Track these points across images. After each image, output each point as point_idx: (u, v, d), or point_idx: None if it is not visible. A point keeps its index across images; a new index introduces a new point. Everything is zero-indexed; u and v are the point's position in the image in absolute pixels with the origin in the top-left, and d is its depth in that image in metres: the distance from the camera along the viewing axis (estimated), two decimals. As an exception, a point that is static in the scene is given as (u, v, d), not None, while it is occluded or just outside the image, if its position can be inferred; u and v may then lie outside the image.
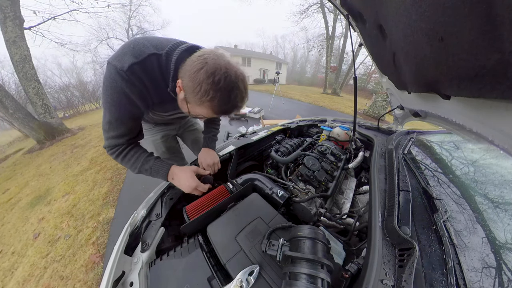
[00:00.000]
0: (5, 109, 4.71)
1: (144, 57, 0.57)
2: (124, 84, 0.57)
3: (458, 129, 0.67)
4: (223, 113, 0.58)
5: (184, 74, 0.54)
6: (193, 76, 0.50)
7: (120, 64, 0.55)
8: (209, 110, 0.55)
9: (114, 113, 0.63)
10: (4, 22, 4.57)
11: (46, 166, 4.05)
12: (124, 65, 0.55)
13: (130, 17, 19.11)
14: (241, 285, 0.46)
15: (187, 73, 0.52)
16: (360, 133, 1.37)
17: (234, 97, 0.53)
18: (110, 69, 0.57)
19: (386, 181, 0.78)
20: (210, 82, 0.49)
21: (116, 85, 0.57)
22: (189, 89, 0.53)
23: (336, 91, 14.49)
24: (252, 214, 0.68)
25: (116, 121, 0.64)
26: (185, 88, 0.54)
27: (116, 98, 0.60)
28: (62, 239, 2.05)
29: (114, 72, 0.56)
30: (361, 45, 1.14)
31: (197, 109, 0.56)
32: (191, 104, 0.57)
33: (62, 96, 12.08)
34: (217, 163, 0.97)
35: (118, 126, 0.66)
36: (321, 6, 13.89)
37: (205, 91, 0.50)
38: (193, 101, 0.54)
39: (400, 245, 0.52)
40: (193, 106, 0.57)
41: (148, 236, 0.65)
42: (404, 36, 0.53)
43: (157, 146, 1.21)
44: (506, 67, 0.30)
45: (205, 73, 0.49)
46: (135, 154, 0.74)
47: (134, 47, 0.58)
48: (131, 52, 0.57)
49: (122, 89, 0.58)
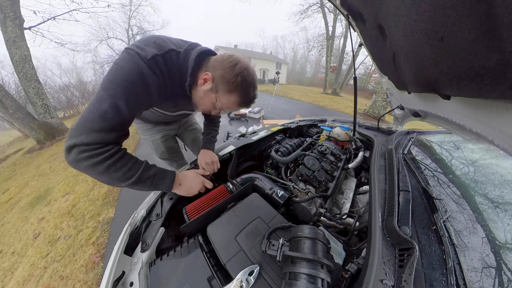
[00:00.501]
0: (5, 109, 4.72)
1: (166, 51, 0.60)
2: (146, 71, 0.55)
3: (458, 129, 0.67)
4: (244, 103, 0.68)
5: (215, 68, 0.63)
6: (230, 69, 0.61)
7: (143, 52, 0.55)
8: (236, 99, 0.65)
9: (119, 99, 0.53)
10: (4, 22, 4.57)
11: (46, 166, 4.05)
12: (147, 54, 0.55)
13: (130, 17, 19.12)
14: (241, 285, 0.46)
15: (218, 66, 0.62)
16: (360, 133, 1.37)
17: (253, 93, 0.68)
18: (131, 54, 0.54)
19: (386, 181, 0.78)
20: (245, 75, 0.62)
21: (136, 70, 0.54)
22: (223, 79, 0.62)
23: (336, 91, 14.48)
24: (252, 214, 0.68)
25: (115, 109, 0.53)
26: (216, 78, 0.63)
27: (130, 82, 0.54)
28: (62, 239, 2.05)
29: (136, 58, 0.54)
30: (361, 45, 1.14)
31: (225, 97, 0.65)
32: (219, 93, 0.64)
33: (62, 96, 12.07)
34: (216, 162, 0.98)
35: (114, 117, 0.54)
36: (321, 6, 13.90)
37: (240, 82, 0.62)
38: (225, 89, 0.63)
39: (400, 245, 0.52)
40: (221, 95, 0.65)
41: (148, 236, 0.65)
42: (404, 36, 0.53)
43: (157, 146, 1.21)
44: (506, 67, 0.30)
45: (240, 68, 0.61)
46: (131, 158, 0.62)
47: (155, 41, 0.60)
48: (153, 44, 0.58)
49: (142, 76, 0.55)
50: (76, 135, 0.52)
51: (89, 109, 0.53)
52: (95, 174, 0.56)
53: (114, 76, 0.54)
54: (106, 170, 0.55)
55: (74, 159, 0.52)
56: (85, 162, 0.53)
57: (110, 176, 0.57)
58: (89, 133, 0.52)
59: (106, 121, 0.53)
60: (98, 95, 0.54)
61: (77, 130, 0.52)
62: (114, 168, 0.57)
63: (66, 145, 0.52)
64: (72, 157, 0.52)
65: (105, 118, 0.53)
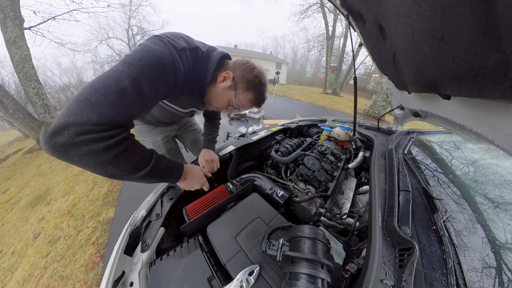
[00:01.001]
0: (5, 109, 4.71)
1: (193, 47, 0.63)
2: (177, 60, 0.55)
3: (458, 129, 0.67)
4: (258, 102, 0.77)
5: (235, 69, 0.71)
6: (250, 71, 0.70)
7: (174, 43, 0.56)
8: (252, 97, 0.74)
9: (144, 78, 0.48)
10: (4, 22, 4.56)
11: (46, 166, 4.06)
12: (179, 45, 0.57)
13: (130, 17, 19.15)
14: (241, 285, 0.46)
15: (239, 67, 0.71)
16: (360, 133, 1.37)
17: (265, 95, 0.78)
18: (163, 41, 0.54)
19: (386, 181, 0.78)
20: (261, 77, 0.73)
21: (168, 55, 0.52)
22: (243, 79, 0.70)
23: (336, 91, 14.48)
24: (252, 214, 0.68)
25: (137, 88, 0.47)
26: (236, 77, 0.70)
27: (161, 64, 0.51)
28: (62, 239, 2.06)
29: (169, 45, 0.54)
30: (361, 45, 1.14)
31: (243, 95, 0.72)
32: (238, 90, 0.71)
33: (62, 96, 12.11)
34: (216, 161, 0.98)
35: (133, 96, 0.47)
36: (321, 6, 13.89)
37: (258, 83, 0.71)
38: (244, 88, 0.71)
39: (400, 245, 0.52)
40: (240, 93, 0.72)
41: (148, 236, 0.65)
42: (404, 36, 0.53)
43: (157, 148, 1.21)
44: (506, 67, 0.30)
45: (258, 71, 0.72)
46: (142, 147, 0.54)
47: (183, 36, 0.63)
48: (182, 39, 0.61)
49: (174, 62, 0.54)
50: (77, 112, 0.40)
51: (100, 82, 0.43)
52: (95, 164, 0.44)
53: (142, 55, 0.48)
54: (113, 160, 0.45)
55: (66, 142, 0.39)
56: (86, 147, 0.41)
57: (117, 167, 0.47)
58: (99, 108, 0.41)
59: (123, 99, 0.45)
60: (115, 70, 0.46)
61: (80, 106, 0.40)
62: (124, 157, 0.47)
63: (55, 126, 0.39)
64: (62, 139, 0.39)
65: (123, 95, 0.44)
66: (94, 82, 0.43)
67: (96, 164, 0.45)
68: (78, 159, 0.42)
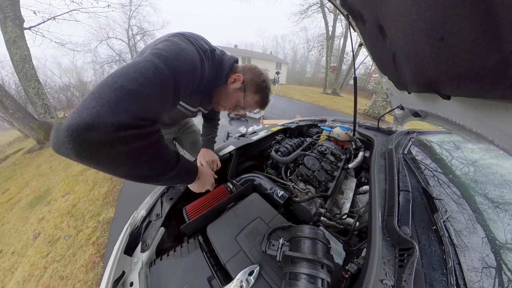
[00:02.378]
0: (5, 109, 4.72)
1: (212, 49, 0.66)
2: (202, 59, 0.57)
3: (458, 129, 0.67)
4: (263, 104, 0.83)
5: (245, 73, 0.76)
6: (258, 75, 0.77)
7: (199, 44, 0.58)
8: (259, 99, 0.80)
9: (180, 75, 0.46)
10: (4, 22, 4.57)
11: (46, 166, 4.06)
12: (202, 46, 0.59)
13: (130, 17, 19.11)
14: (241, 285, 0.46)
15: (248, 72, 0.77)
16: (360, 133, 1.37)
17: (269, 98, 0.84)
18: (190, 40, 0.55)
19: (386, 181, 0.78)
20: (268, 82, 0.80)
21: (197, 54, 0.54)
22: (252, 82, 0.76)
23: (336, 91, 14.48)
24: (252, 214, 0.68)
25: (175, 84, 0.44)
26: (246, 80, 0.75)
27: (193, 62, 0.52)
28: (62, 239, 2.06)
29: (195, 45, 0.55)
30: (361, 45, 1.14)
31: (251, 96, 0.78)
32: (247, 92, 0.77)
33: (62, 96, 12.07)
34: (217, 161, 0.98)
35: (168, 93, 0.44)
36: (321, 6, 13.88)
37: (265, 87, 0.79)
38: (253, 90, 0.77)
39: (400, 245, 0.52)
40: (248, 94, 0.77)
41: (148, 236, 0.65)
42: (404, 36, 0.53)
43: None
44: (506, 67, 0.30)
45: (265, 76, 0.79)
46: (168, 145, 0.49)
47: (202, 38, 0.64)
48: (202, 41, 0.62)
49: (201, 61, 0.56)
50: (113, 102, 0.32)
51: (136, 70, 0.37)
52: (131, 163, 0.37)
53: (177, 52, 0.46)
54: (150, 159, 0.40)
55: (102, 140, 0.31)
56: (126, 145, 0.34)
57: (152, 167, 0.42)
58: (140, 100, 0.36)
59: (163, 92, 0.41)
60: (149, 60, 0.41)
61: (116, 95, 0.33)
62: (160, 156, 0.43)
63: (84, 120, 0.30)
64: (98, 136, 0.31)
65: (163, 88, 0.41)
66: (125, 69, 0.37)
67: (132, 165, 0.37)
68: (112, 159, 0.34)
